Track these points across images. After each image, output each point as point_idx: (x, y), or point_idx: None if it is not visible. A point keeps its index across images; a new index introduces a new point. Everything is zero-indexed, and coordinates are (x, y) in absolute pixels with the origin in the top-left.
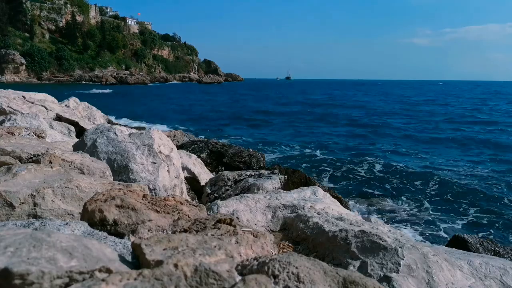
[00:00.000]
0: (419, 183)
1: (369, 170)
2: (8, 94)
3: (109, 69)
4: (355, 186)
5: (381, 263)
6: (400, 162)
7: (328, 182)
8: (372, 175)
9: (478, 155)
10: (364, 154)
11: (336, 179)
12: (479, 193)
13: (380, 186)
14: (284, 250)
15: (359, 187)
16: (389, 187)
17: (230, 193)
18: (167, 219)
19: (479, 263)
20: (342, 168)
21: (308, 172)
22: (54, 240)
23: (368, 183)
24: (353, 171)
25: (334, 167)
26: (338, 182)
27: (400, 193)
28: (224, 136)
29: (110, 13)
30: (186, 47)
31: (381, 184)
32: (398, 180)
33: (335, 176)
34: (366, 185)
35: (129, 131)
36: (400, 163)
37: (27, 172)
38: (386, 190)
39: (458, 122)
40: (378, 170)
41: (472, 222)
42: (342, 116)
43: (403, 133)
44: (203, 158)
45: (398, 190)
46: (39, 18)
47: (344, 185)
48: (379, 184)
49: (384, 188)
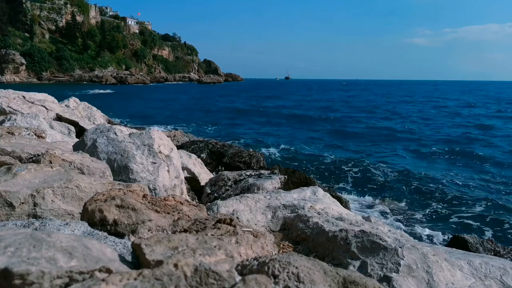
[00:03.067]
0: (419, 183)
1: (369, 170)
2: (8, 94)
3: (109, 69)
4: (355, 186)
5: (381, 263)
6: (400, 162)
7: (326, 182)
8: (372, 175)
9: (479, 156)
10: (364, 153)
11: (336, 180)
12: (479, 194)
13: (380, 186)
14: (284, 250)
15: (359, 187)
16: (389, 187)
17: (230, 193)
18: (167, 219)
19: (479, 263)
20: (342, 168)
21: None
22: (54, 240)
23: (368, 183)
24: (352, 170)
25: (335, 167)
26: (338, 182)
27: (400, 193)
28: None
29: (110, 13)
30: (186, 47)
31: (381, 184)
32: (398, 180)
33: (335, 176)
34: (366, 185)
35: (129, 131)
36: (400, 163)
37: (27, 172)
38: (386, 190)
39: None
40: (378, 170)
41: (473, 222)
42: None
43: (404, 135)
44: (203, 158)
45: (398, 190)
46: (39, 18)
47: (344, 185)
48: (379, 184)
49: (384, 188)
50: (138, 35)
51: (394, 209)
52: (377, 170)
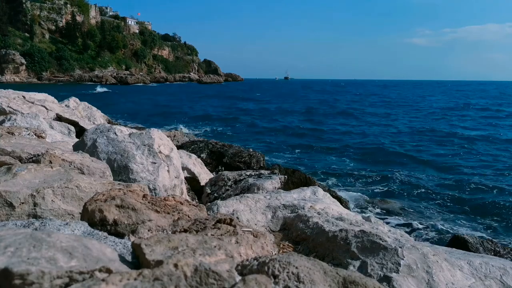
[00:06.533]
0: (419, 183)
1: (369, 170)
2: (8, 94)
3: (109, 69)
4: (355, 186)
5: (381, 263)
6: (400, 163)
7: (324, 182)
8: (372, 175)
9: (479, 155)
10: (362, 154)
11: (336, 180)
12: (480, 194)
13: (380, 186)
14: (284, 250)
15: (359, 187)
16: (389, 187)
17: (230, 193)
18: (167, 219)
19: (479, 263)
20: (343, 169)
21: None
22: (54, 240)
23: (368, 183)
24: (352, 170)
25: (336, 169)
26: (338, 181)
27: (400, 193)
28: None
29: (110, 13)
30: (186, 47)
31: (381, 184)
32: (398, 180)
33: (335, 176)
34: (366, 185)
35: (129, 131)
36: (400, 163)
37: (27, 172)
38: (386, 190)
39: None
40: (378, 170)
41: (473, 222)
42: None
43: (405, 133)
44: (203, 158)
45: (398, 190)
46: (39, 18)
47: (344, 185)
48: (379, 184)
49: (384, 188)
50: (138, 35)
51: (394, 209)
52: (377, 170)
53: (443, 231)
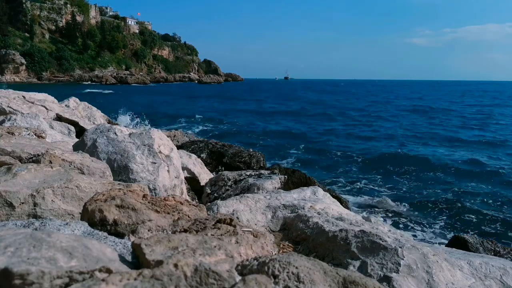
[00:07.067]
0: (419, 183)
1: (368, 170)
2: (8, 94)
3: (109, 69)
4: (354, 186)
5: (381, 263)
6: (400, 163)
7: (324, 181)
8: (372, 175)
9: (479, 156)
10: (363, 155)
11: (336, 180)
12: (480, 194)
13: (380, 186)
14: (284, 250)
15: (359, 187)
16: (389, 187)
17: (230, 193)
18: (167, 219)
19: (479, 263)
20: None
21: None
22: (54, 240)
23: (368, 183)
24: (353, 171)
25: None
26: (338, 182)
27: (400, 193)
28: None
29: (110, 13)
30: (186, 47)
31: (381, 184)
32: (398, 180)
33: (334, 175)
34: (366, 185)
35: (129, 131)
36: (400, 163)
37: (27, 172)
38: (386, 190)
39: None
40: (378, 170)
41: (473, 222)
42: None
43: (407, 133)
44: (203, 158)
45: (398, 190)
46: (39, 18)
47: (344, 185)
48: (379, 184)
49: (384, 189)
50: (138, 35)
51: (394, 209)
52: (378, 170)
53: (443, 231)
